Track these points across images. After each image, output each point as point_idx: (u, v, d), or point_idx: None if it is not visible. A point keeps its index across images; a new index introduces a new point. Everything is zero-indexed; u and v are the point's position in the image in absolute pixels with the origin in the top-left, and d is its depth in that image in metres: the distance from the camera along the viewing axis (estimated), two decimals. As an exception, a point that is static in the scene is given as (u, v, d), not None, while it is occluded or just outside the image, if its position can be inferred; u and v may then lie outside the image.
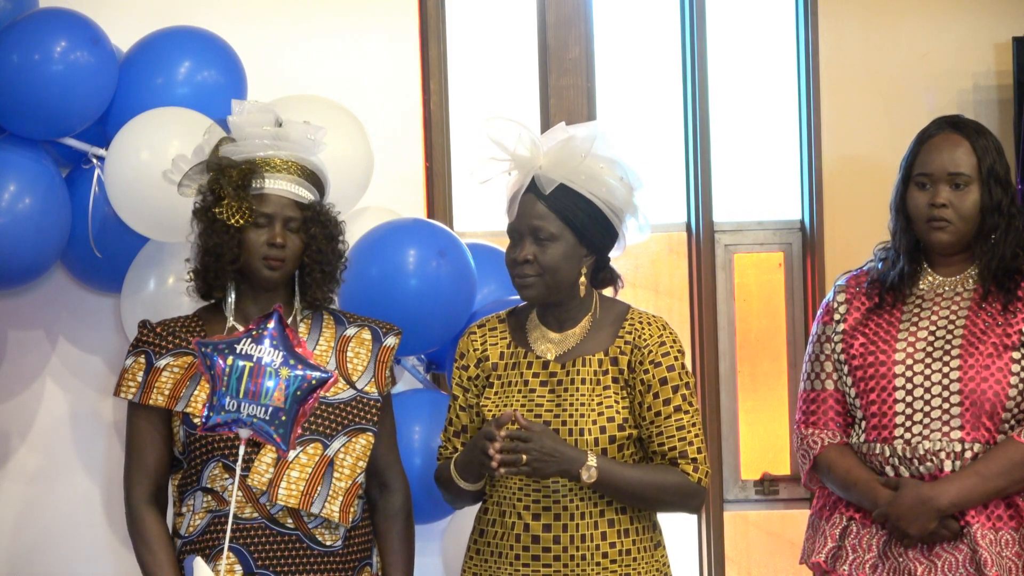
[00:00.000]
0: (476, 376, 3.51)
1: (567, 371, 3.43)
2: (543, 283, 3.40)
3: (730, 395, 5.00)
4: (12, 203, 4.06)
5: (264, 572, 3.44)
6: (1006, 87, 4.86)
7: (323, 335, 3.57)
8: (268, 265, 3.48)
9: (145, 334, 3.54)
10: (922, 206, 3.55)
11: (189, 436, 3.49)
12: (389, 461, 3.60)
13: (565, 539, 3.38)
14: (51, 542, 4.58)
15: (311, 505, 3.44)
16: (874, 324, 3.60)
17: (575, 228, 3.39)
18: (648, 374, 3.41)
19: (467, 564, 3.51)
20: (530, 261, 3.39)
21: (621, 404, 3.42)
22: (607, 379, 3.43)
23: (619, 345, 3.44)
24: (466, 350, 3.53)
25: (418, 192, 4.81)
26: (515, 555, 3.41)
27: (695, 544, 4.97)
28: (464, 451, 3.45)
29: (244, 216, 3.46)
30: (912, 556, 3.50)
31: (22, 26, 4.09)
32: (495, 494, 3.45)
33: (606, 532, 3.40)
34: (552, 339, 3.48)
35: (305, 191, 3.53)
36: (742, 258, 5.02)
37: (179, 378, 3.49)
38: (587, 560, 3.38)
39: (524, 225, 3.39)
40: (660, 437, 3.41)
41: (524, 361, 3.47)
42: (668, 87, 5.03)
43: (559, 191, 3.37)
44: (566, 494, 3.39)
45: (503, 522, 3.43)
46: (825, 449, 3.59)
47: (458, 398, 3.53)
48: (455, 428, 3.53)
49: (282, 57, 4.70)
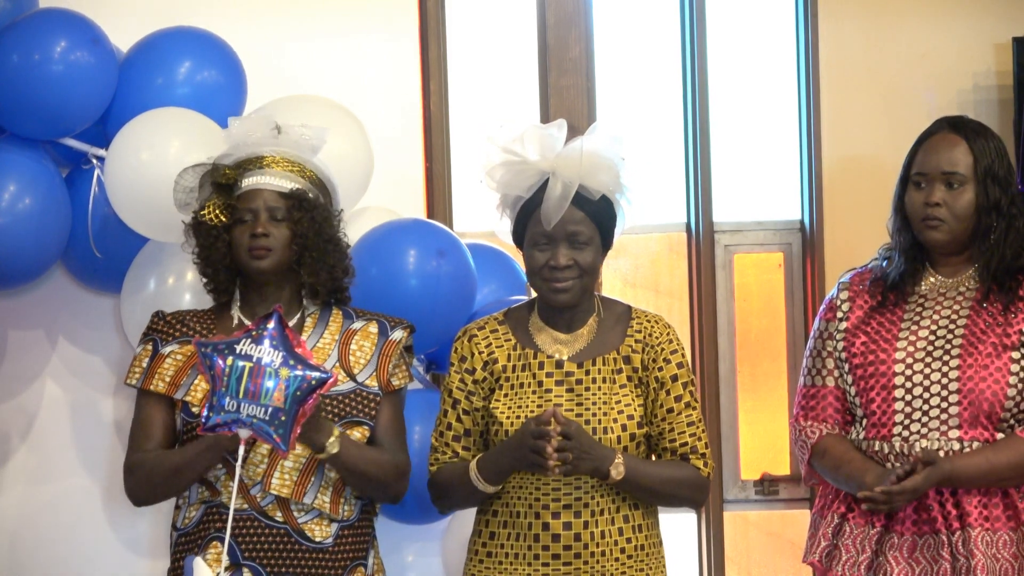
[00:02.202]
0: (483, 379, 3.49)
1: (586, 370, 3.44)
2: (580, 286, 3.43)
3: (730, 395, 5.00)
4: (12, 203, 4.06)
5: (250, 564, 3.45)
6: (1006, 87, 4.86)
7: (328, 329, 3.58)
8: (253, 255, 3.50)
9: (156, 322, 3.59)
10: (918, 205, 3.57)
11: (187, 425, 3.51)
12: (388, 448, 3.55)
13: (586, 536, 3.39)
14: (51, 542, 4.58)
15: (303, 496, 3.45)
16: (876, 323, 3.60)
17: (601, 229, 3.44)
18: (662, 371, 3.45)
19: (476, 570, 3.48)
20: (570, 266, 3.40)
21: (637, 402, 3.44)
22: (622, 378, 3.45)
23: (630, 344, 3.47)
24: (469, 353, 3.51)
25: (418, 192, 4.81)
26: (533, 555, 3.40)
27: (695, 544, 4.98)
28: (498, 450, 3.42)
29: (223, 214, 3.49)
30: (902, 559, 3.50)
31: (22, 26, 4.09)
32: (504, 496, 3.44)
33: (623, 528, 3.42)
34: (562, 340, 3.48)
35: (289, 181, 3.53)
36: (742, 258, 5.02)
37: (181, 366, 3.52)
38: (607, 556, 3.40)
39: (560, 231, 3.40)
40: (671, 433, 3.45)
41: (535, 362, 3.47)
42: (668, 87, 5.03)
43: (588, 194, 3.40)
44: (588, 491, 3.40)
45: (517, 523, 3.42)
46: (823, 437, 3.59)
47: (459, 402, 3.50)
48: (454, 433, 3.50)
49: (282, 57, 4.70)
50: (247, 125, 3.60)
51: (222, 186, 3.53)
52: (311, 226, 3.52)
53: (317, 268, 3.54)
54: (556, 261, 3.40)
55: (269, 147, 3.56)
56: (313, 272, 3.54)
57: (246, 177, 3.53)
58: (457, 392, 3.51)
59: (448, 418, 3.51)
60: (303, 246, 3.52)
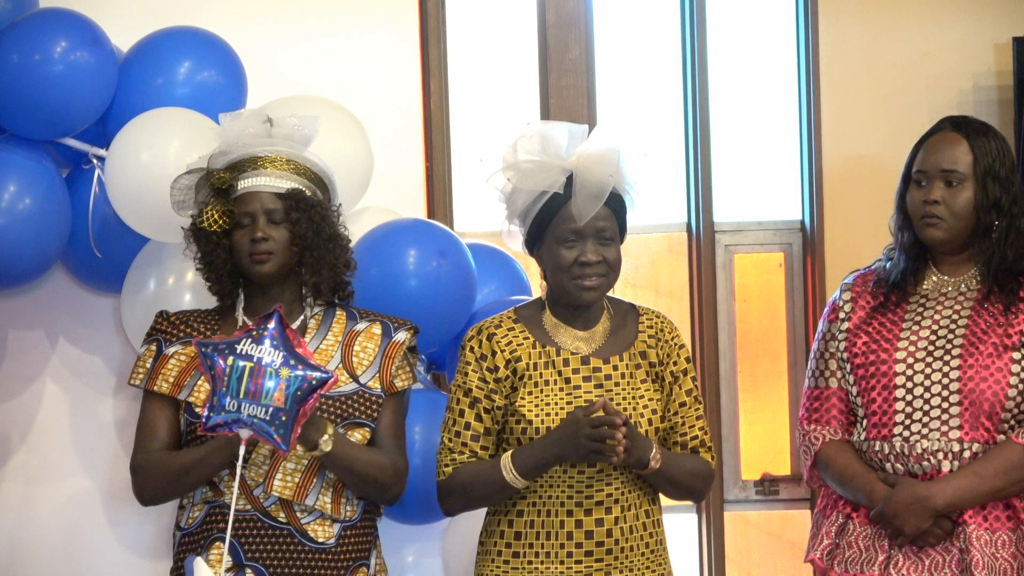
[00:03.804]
0: (506, 377, 3.48)
1: (613, 366, 3.47)
2: (607, 282, 3.47)
3: (730, 395, 5.00)
4: (12, 203, 4.06)
5: (253, 564, 3.45)
6: (1006, 87, 4.86)
7: (332, 330, 3.58)
8: (255, 260, 3.49)
9: (159, 323, 3.60)
10: (917, 203, 3.58)
11: (190, 425, 3.51)
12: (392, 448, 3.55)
13: (616, 532, 3.42)
14: (51, 542, 4.58)
15: (305, 497, 3.44)
16: (877, 323, 3.60)
17: (620, 224, 3.48)
18: (676, 366, 3.51)
19: (500, 570, 3.46)
20: (600, 261, 3.43)
21: (656, 397, 3.49)
22: (641, 373, 3.49)
23: (644, 340, 3.51)
24: (490, 351, 3.49)
25: (418, 192, 4.81)
26: (567, 553, 3.41)
27: (695, 544, 4.98)
28: (541, 443, 3.38)
29: (222, 220, 3.49)
30: (902, 554, 3.50)
31: (22, 26, 4.09)
32: (530, 495, 3.44)
33: (646, 523, 3.47)
34: (581, 336, 3.50)
35: (285, 181, 3.53)
36: (742, 258, 5.02)
37: (184, 366, 3.51)
38: (635, 551, 3.44)
39: (589, 228, 3.42)
40: (683, 427, 3.51)
41: (559, 359, 3.47)
42: (668, 87, 5.03)
43: (615, 189, 3.45)
44: (619, 487, 3.43)
45: (548, 522, 3.42)
46: (826, 445, 3.60)
47: (480, 401, 3.47)
48: (473, 432, 3.47)
49: (282, 57, 4.69)
50: (240, 122, 3.59)
51: (219, 190, 3.53)
52: (310, 226, 3.52)
53: (319, 267, 3.54)
54: (586, 257, 3.42)
55: (264, 147, 3.55)
56: (315, 271, 3.54)
57: (242, 179, 3.53)
58: (477, 391, 3.48)
59: (466, 418, 3.48)
60: (304, 246, 3.52)
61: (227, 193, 3.52)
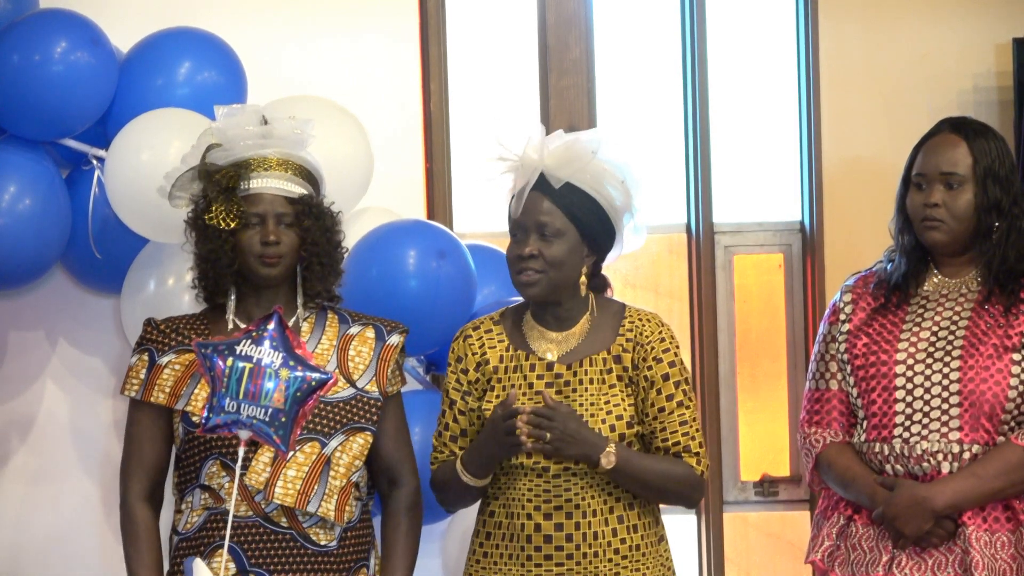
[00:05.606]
0: (476, 380, 3.50)
1: (573, 372, 3.44)
2: (547, 279, 3.42)
3: (730, 396, 5.00)
4: (12, 204, 4.06)
5: (257, 571, 3.44)
6: (1006, 88, 4.86)
7: (326, 334, 3.57)
8: (264, 263, 3.48)
9: (149, 331, 3.56)
10: (918, 206, 3.57)
11: (188, 434, 3.50)
12: (399, 457, 3.57)
13: (578, 537, 3.39)
14: (51, 542, 4.58)
15: (307, 504, 3.44)
16: (878, 324, 3.60)
17: (579, 225, 3.42)
18: (652, 370, 3.44)
19: (472, 569, 3.50)
20: (535, 256, 3.40)
21: (627, 402, 3.44)
22: (612, 377, 3.45)
23: (621, 343, 3.46)
24: (463, 354, 3.52)
25: (418, 193, 4.81)
26: (527, 556, 3.41)
27: (695, 545, 4.98)
28: (477, 442, 3.44)
29: (233, 219, 3.47)
30: (906, 554, 3.50)
31: (22, 27, 4.09)
32: (501, 496, 3.45)
33: (616, 528, 3.42)
34: (552, 339, 3.48)
35: (295, 186, 3.52)
36: (742, 259, 5.02)
37: (180, 376, 3.50)
38: (599, 557, 3.40)
39: (530, 221, 3.41)
40: (663, 432, 3.44)
41: (526, 363, 3.47)
42: (668, 87, 5.03)
43: (565, 188, 3.40)
44: (578, 492, 3.40)
45: (511, 524, 3.43)
46: (827, 447, 3.60)
47: (456, 403, 3.51)
48: (452, 433, 3.52)
49: (282, 57, 4.69)
50: (236, 119, 3.57)
51: (225, 188, 3.51)
52: (322, 233, 3.52)
53: (326, 273, 3.54)
54: (521, 250, 3.41)
55: (270, 149, 3.54)
56: (322, 278, 3.53)
57: (251, 179, 3.51)
58: (453, 392, 3.52)
59: (446, 418, 3.53)
60: (313, 253, 3.51)
61: (232, 191, 3.51)
